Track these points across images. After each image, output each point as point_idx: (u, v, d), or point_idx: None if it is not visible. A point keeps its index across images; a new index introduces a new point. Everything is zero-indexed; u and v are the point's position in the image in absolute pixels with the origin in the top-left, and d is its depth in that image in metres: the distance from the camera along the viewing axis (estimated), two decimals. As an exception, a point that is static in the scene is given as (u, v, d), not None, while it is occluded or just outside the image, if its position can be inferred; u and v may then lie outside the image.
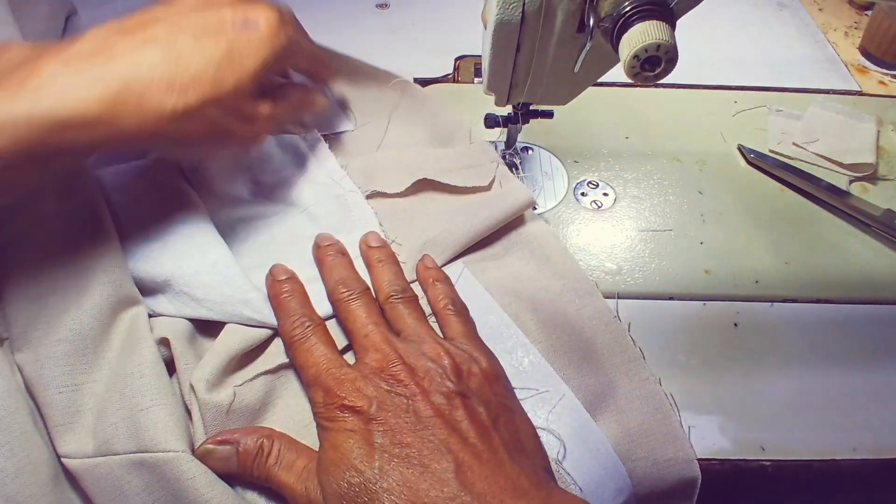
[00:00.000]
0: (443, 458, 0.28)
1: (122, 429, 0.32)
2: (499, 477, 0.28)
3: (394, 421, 0.30)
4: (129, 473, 0.31)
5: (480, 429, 0.30)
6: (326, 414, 0.31)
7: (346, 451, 0.29)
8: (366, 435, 0.29)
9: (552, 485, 0.30)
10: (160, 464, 0.31)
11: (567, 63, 0.39)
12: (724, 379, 0.41)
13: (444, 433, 0.29)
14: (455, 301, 0.39)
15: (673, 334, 0.43)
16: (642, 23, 0.32)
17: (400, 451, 0.29)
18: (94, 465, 0.31)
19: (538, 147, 0.54)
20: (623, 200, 0.51)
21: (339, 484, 0.28)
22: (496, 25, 0.37)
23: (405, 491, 0.27)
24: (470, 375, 0.33)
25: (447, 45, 0.64)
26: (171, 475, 0.31)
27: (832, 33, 0.70)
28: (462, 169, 0.47)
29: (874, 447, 0.39)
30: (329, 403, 0.31)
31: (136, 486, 0.31)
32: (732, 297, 0.45)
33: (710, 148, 0.55)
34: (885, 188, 0.53)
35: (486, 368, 0.34)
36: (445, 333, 0.37)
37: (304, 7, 0.67)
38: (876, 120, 0.56)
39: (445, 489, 0.27)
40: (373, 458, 0.28)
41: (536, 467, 0.31)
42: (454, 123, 0.51)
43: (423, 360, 0.32)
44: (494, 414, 0.31)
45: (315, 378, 0.33)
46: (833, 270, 0.47)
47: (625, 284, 0.46)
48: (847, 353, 0.43)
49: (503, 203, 0.45)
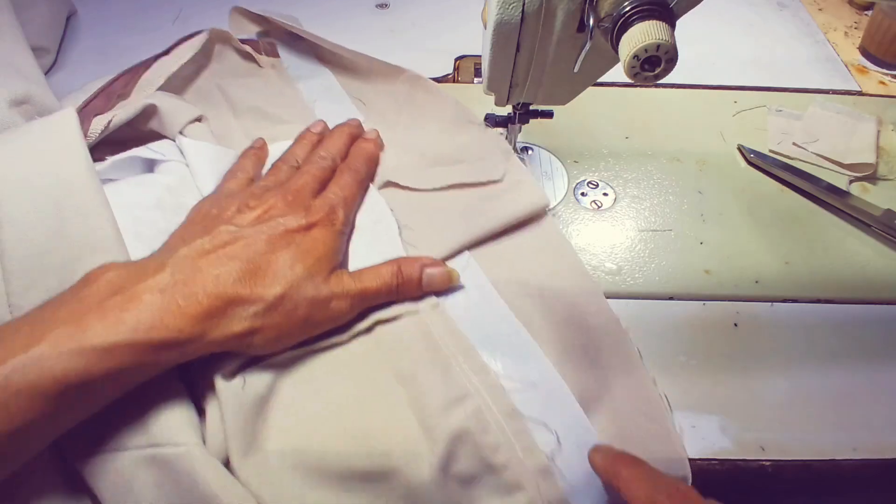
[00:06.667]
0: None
1: (133, 425, 0.32)
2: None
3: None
4: (139, 469, 0.31)
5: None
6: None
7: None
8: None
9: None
10: (171, 458, 0.31)
11: (567, 63, 0.39)
12: (724, 379, 0.41)
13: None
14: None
15: (673, 334, 0.43)
16: (642, 23, 0.32)
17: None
18: (104, 461, 0.32)
19: (538, 147, 0.54)
20: (623, 200, 0.51)
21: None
22: (496, 25, 0.37)
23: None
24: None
25: (447, 45, 0.64)
26: (181, 469, 0.31)
27: (832, 33, 0.70)
28: (475, 161, 0.49)
29: (874, 447, 0.39)
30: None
31: (146, 481, 0.31)
32: (732, 297, 0.45)
33: (710, 148, 0.55)
34: (885, 188, 0.53)
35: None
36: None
37: (304, 7, 0.67)
38: (876, 120, 0.56)
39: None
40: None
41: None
42: (466, 113, 0.52)
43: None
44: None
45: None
46: (833, 270, 0.47)
47: (625, 284, 0.46)
48: (847, 353, 0.43)
49: (517, 204, 0.46)
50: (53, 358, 0.29)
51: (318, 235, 0.39)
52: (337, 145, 0.47)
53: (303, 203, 0.41)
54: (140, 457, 0.32)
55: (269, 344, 0.36)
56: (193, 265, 0.35)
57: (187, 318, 0.33)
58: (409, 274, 0.40)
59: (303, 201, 0.41)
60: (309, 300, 0.36)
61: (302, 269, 0.37)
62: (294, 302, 0.36)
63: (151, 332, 0.32)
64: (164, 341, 0.32)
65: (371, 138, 0.49)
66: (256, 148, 0.48)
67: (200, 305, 0.33)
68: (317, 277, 0.37)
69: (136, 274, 0.34)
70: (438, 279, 0.41)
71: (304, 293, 0.36)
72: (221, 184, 0.44)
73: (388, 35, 0.67)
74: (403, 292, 0.40)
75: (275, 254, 0.37)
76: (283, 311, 0.36)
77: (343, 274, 0.39)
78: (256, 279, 0.35)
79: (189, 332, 0.33)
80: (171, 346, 0.32)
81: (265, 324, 0.35)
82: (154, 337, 0.32)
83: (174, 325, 0.32)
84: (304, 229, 0.39)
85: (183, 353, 0.33)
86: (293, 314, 0.36)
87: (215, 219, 0.39)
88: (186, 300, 0.33)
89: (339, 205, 0.42)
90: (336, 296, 0.38)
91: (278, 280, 0.36)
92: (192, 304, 0.33)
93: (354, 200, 0.44)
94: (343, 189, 0.43)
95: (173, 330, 0.32)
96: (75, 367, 0.29)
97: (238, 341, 0.35)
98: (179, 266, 0.34)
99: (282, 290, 0.35)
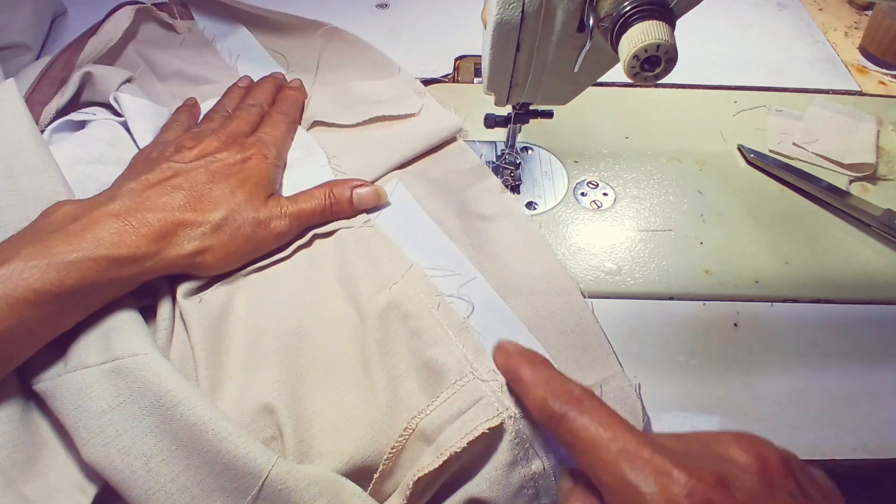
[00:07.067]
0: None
1: (93, 346, 0.35)
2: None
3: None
4: (98, 381, 0.33)
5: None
6: None
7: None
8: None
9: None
10: (130, 367, 0.33)
11: (567, 63, 0.39)
12: (724, 379, 0.41)
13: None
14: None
15: (673, 334, 0.43)
16: (642, 23, 0.32)
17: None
18: (63, 381, 0.34)
19: (538, 147, 0.54)
20: (623, 200, 0.51)
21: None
22: (496, 25, 0.37)
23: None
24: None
25: (447, 45, 0.64)
26: (139, 375, 0.33)
27: (832, 33, 0.70)
28: (393, 99, 0.53)
29: (874, 447, 0.39)
30: None
31: (105, 391, 0.33)
32: (732, 297, 0.45)
33: (710, 148, 0.55)
34: (885, 188, 0.53)
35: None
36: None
37: (304, 7, 0.67)
38: (876, 120, 0.56)
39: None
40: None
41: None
42: (382, 58, 0.57)
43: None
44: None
45: None
46: (833, 270, 0.47)
47: (625, 284, 0.46)
48: (847, 353, 0.43)
49: (433, 129, 0.51)
50: (28, 270, 0.33)
51: (252, 166, 0.43)
52: (264, 94, 0.51)
53: (236, 141, 0.44)
54: (99, 371, 0.34)
55: (218, 263, 0.40)
56: (141, 195, 0.39)
57: (142, 237, 0.37)
58: (341, 193, 0.44)
59: (236, 140, 0.45)
60: (251, 221, 0.40)
61: (241, 194, 0.41)
62: (237, 223, 0.40)
63: (111, 248, 0.35)
64: (123, 257, 0.36)
65: (295, 86, 0.53)
66: (189, 104, 0.51)
67: (152, 227, 0.37)
68: (255, 201, 0.41)
69: (90, 204, 0.38)
70: (367, 197, 0.45)
71: (246, 215, 0.40)
72: (159, 134, 0.47)
73: (388, 35, 0.67)
74: (337, 212, 0.44)
75: (215, 183, 0.41)
76: (228, 230, 0.40)
77: (280, 198, 0.43)
78: (200, 205, 0.40)
79: (145, 249, 0.37)
80: (131, 261, 0.36)
81: (213, 243, 0.39)
82: (114, 252, 0.35)
83: (132, 243, 0.36)
84: (239, 163, 0.43)
85: (142, 270, 0.37)
86: (237, 234, 0.40)
87: (157, 160, 0.42)
88: (139, 223, 0.37)
89: (271, 142, 0.46)
90: (275, 216, 0.42)
91: (221, 205, 0.40)
92: (145, 226, 0.37)
93: (285, 139, 0.48)
94: (273, 129, 0.47)
95: (131, 247, 0.36)
96: (48, 277, 0.33)
97: (190, 260, 0.39)
98: (129, 196, 0.38)
99: (225, 213, 0.40)
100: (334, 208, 0.44)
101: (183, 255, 0.38)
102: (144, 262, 0.37)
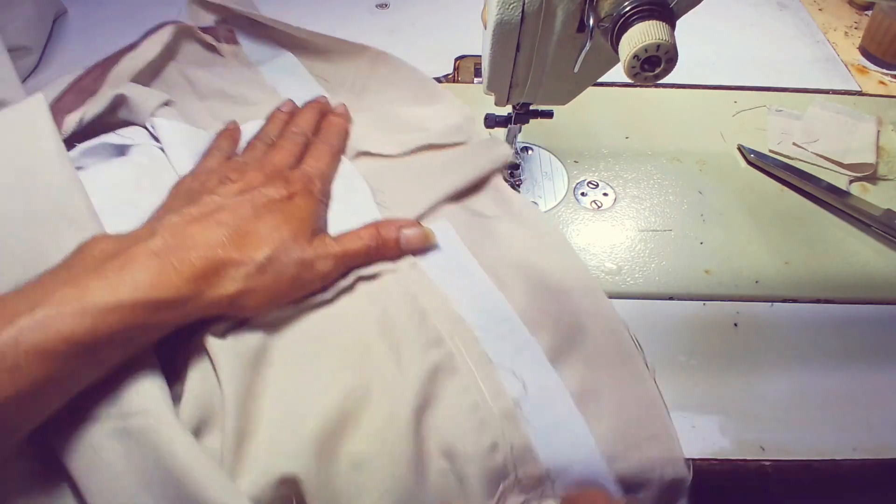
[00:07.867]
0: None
1: (105, 394, 0.33)
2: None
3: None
4: (109, 441, 0.32)
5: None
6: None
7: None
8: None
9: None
10: (140, 430, 0.31)
11: (567, 63, 0.39)
12: (724, 379, 0.41)
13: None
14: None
15: (673, 334, 0.43)
16: (642, 23, 0.32)
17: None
18: (75, 433, 0.32)
19: (538, 147, 0.54)
20: (623, 200, 0.51)
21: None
22: (496, 25, 0.37)
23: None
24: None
25: (447, 45, 0.64)
26: (149, 442, 0.31)
27: (832, 33, 0.70)
28: (440, 126, 0.51)
29: (874, 447, 0.39)
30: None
31: (117, 451, 0.31)
32: (732, 297, 0.45)
33: (710, 148, 0.55)
34: (885, 188, 0.53)
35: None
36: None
37: (304, 7, 0.67)
38: (876, 120, 0.56)
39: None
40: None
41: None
42: (429, 83, 0.55)
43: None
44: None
45: None
46: (833, 270, 0.47)
47: (625, 284, 0.46)
48: (847, 353, 0.43)
49: (484, 159, 0.48)
50: (60, 318, 0.30)
51: (298, 203, 0.41)
52: (308, 121, 0.49)
53: (281, 175, 0.42)
54: (110, 429, 0.32)
55: (261, 305, 0.37)
56: (183, 231, 0.36)
57: (183, 278, 0.34)
58: (387, 235, 0.42)
59: (281, 174, 0.43)
60: (296, 261, 0.38)
61: (287, 231, 0.39)
62: (282, 263, 0.37)
63: (150, 291, 0.32)
64: (162, 300, 0.33)
65: (340, 113, 0.51)
66: (230, 129, 0.49)
67: (194, 266, 0.34)
68: (301, 240, 0.39)
69: (128, 241, 0.35)
70: (415, 239, 0.43)
71: (291, 255, 0.38)
72: (199, 163, 0.45)
73: (388, 35, 0.67)
74: (383, 253, 0.42)
75: (260, 220, 0.38)
76: (272, 272, 0.37)
77: (325, 237, 0.41)
78: (245, 243, 0.37)
79: (186, 292, 0.34)
80: (170, 305, 0.33)
81: (257, 285, 0.36)
82: (153, 296, 0.32)
83: (171, 285, 0.33)
84: (284, 199, 0.40)
85: (183, 313, 0.34)
86: (282, 275, 0.37)
87: (199, 191, 0.40)
88: (180, 262, 0.34)
89: (316, 175, 0.44)
90: (320, 257, 0.39)
91: (266, 243, 0.37)
92: (186, 266, 0.34)
93: (329, 171, 0.46)
94: (318, 161, 0.46)
95: (171, 289, 0.33)
96: (82, 326, 0.30)
97: (231, 302, 0.36)
98: (170, 232, 0.36)
99: (270, 252, 0.37)
100: (380, 250, 0.42)
101: (224, 297, 0.35)
102: (185, 306, 0.34)
